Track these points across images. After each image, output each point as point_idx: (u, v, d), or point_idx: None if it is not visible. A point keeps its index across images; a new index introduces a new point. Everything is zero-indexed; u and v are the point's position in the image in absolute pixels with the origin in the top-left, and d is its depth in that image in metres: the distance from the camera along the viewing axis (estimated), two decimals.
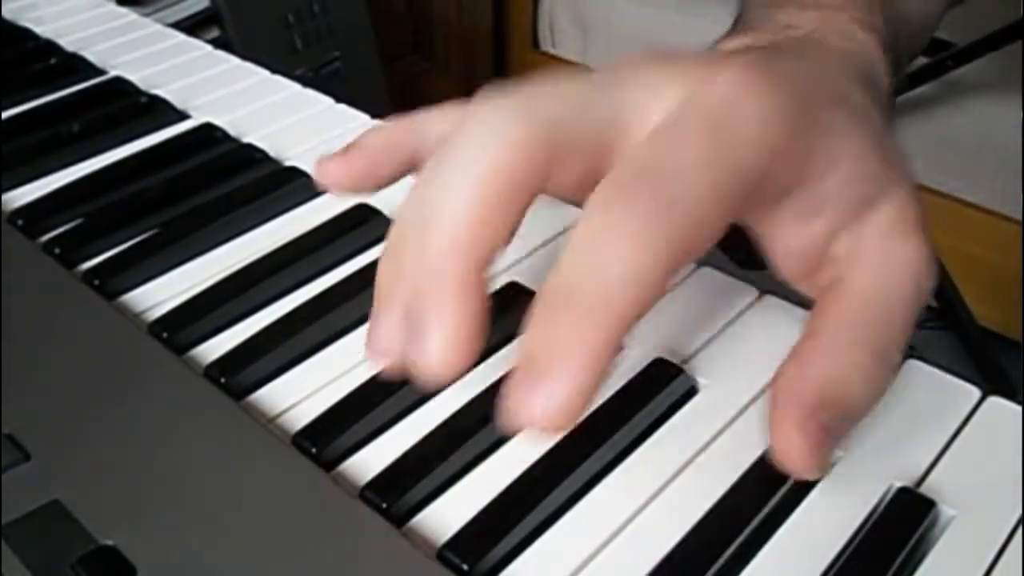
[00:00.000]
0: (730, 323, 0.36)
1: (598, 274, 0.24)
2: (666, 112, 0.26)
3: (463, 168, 0.25)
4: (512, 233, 0.26)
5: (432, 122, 0.33)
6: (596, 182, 0.25)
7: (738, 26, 0.37)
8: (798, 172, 0.28)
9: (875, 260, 0.29)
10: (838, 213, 0.29)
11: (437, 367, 0.25)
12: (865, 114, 0.30)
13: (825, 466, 0.28)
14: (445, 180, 0.25)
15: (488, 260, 0.26)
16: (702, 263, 0.39)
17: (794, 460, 0.27)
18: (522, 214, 0.26)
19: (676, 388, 0.33)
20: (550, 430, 0.24)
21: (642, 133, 0.26)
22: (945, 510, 0.29)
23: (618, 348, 0.24)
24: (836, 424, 0.27)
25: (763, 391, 0.33)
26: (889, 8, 0.37)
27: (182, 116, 0.52)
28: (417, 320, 0.26)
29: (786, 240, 0.30)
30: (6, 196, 0.45)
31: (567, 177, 0.26)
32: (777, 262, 0.31)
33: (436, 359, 0.25)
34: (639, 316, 0.24)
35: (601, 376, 0.24)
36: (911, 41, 0.42)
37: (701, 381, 0.34)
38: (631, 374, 0.34)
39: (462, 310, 0.25)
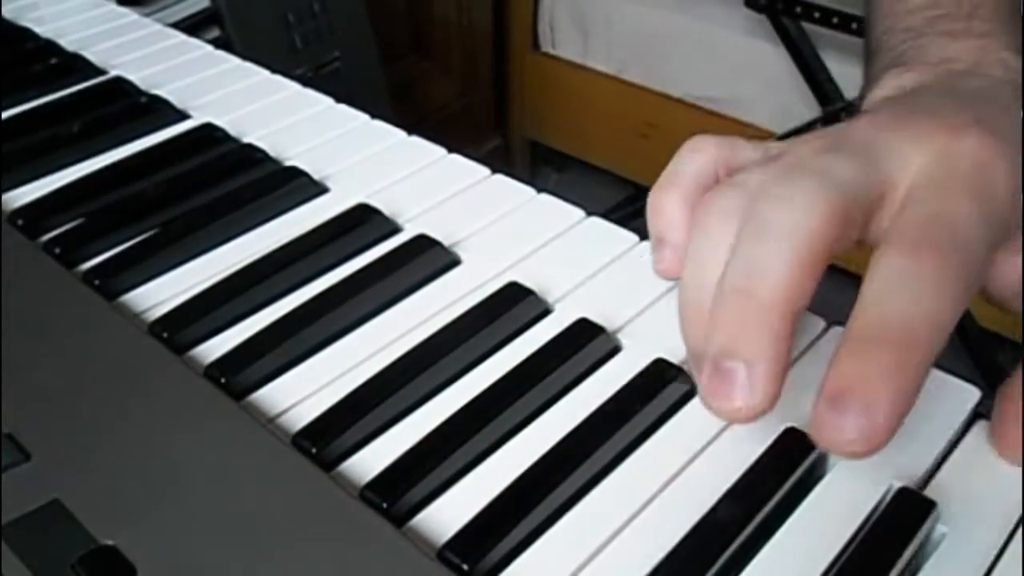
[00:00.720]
0: None
1: (908, 313, 0.26)
2: (914, 174, 0.30)
3: (785, 234, 0.28)
4: (816, 286, 0.29)
5: (698, 164, 0.34)
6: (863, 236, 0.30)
7: (882, 56, 0.39)
8: (1018, 215, 0.31)
9: None
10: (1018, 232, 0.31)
11: (749, 412, 0.28)
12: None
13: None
14: (769, 245, 0.28)
15: (802, 310, 0.28)
16: None
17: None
18: (823, 271, 0.29)
19: (676, 388, 0.33)
20: (859, 454, 0.26)
21: (896, 195, 0.30)
22: (945, 511, 0.29)
23: (924, 380, 0.26)
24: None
25: None
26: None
27: (182, 116, 0.52)
28: (725, 366, 0.28)
29: (1007, 272, 0.32)
30: (6, 196, 0.45)
31: (852, 235, 0.30)
32: (995, 296, 0.33)
33: (754, 402, 0.28)
34: (942, 348, 0.27)
35: (911, 403, 0.26)
36: None
37: None
38: (631, 374, 0.34)
39: (780, 356, 0.28)
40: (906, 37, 0.39)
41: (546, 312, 0.37)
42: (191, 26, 1.16)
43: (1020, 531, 0.29)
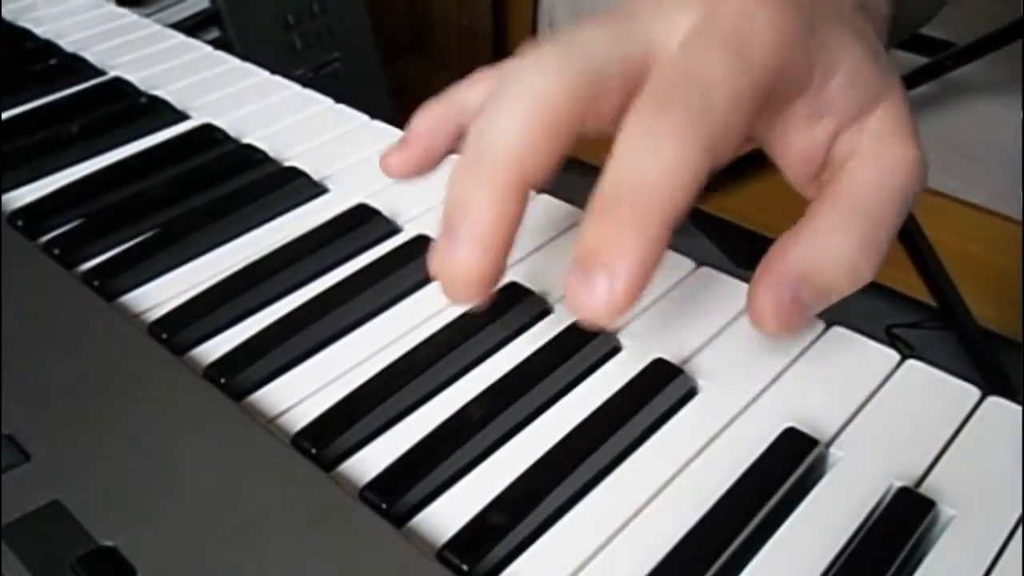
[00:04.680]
0: (730, 323, 0.36)
1: (648, 171, 0.26)
2: (680, 37, 0.29)
3: (514, 103, 0.28)
4: (559, 162, 0.28)
5: (471, 91, 0.36)
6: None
7: None
8: (803, 78, 0.30)
9: (871, 157, 0.31)
10: (839, 116, 0.31)
11: (464, 274, 0.28)
12: (862, 31, 0.32)
13: (791, 330, 0.30)
14: (497, 113, 0.28)
15: (532, 185, 0.28)
16: (702, 263, 0.39)
17: (764, 321, 0.30)
18: (566, 149, 0.28)
19: (676, 388, 0.33)
20: (606, 320, 0.26)
21: (667, 59, 0.29)
22: (945, 510, 0.29)
23: (666, 242, 0.26)
24: (809, 298, 0.30)
25: (763, 392, 0.33)
26: None
27: (182, 116, 0.52)
28: (453, 219, 0.28)
29: (793, 143, 0.32)
30: (6, 196, 0.45)
31: (606, 108, 0.29)
32: (785, 166, 0.33)
33: (469, 267, 0.28)
34: (686, 207, 0.26)
35: (653, 270, 0.26)
36: None
37: (701, 381, 0.34)
38: (631, 374, 0.34)
39: (498, 217, 0.28)
40: None
41: (546, 312, 0.37)
42: (191, 27, 1.16)
43: (1020, 530, 0.29)
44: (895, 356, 0.34)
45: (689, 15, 0.29)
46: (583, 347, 0.34)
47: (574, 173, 0.40)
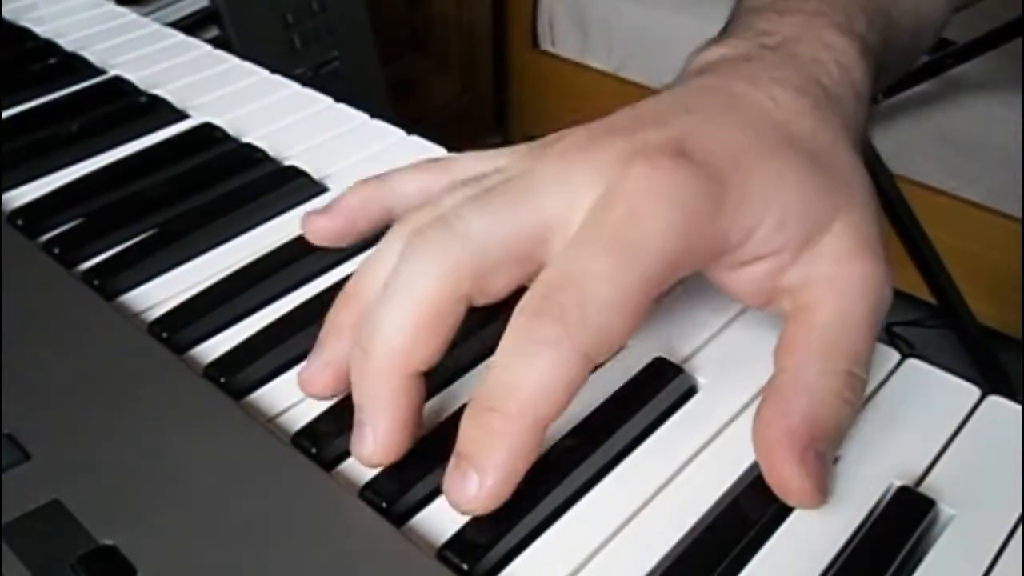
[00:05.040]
0: (730, 323, 0.36)
1: (518, 381, 0.28)
2: (585, 212, 0.30)
3: (396, 303, 0.30)
4: (445, 344, 0.30)
5: (408, 182, 0.37)
6: (530, 283, 0.29)
7: (724, 30, 0.39)
8: (718, 245, 0.30)
9: (830, 286, 0.31)
10: (777, 258, 0.31)
11: (371, 460, 0.30)
12: (804, 150, 0.31)
13: (826, 491, 0.29)
14: (383, 313, 0.30)
15: (420, 370, 0.30)
16: None
17: (801, 495, 0.29)
18: (453, 328, 0.30)
19: (676, 388, 0.33)
20: (475, 512, 0.28)
21: (564, 237, 0.30)
22: (945, 510, 0.29)
23: (538, 445, 0.28)
24: (828, 449, 0.29)
25: (763, 391, 0.33)
26: (877, 11, 0.38)
27: (182, 116, 0.52)
28: (359, 417, 0.30)
29: (731, 286, 0.32)
30: (6, 196, 0.45)
31: (499, 287, 0.30)
32: (731, 295, 0.33)
33: (370, 455, 0.30)
34: (556, 415, 0.28)
35: (523, 467, 0.28)
36: (910, 41, 0.43)
37: (701, 381, 0.34)
38: (631, 374, 0.34)
39: (392, 420, 0.30)
40: (747, 14, 0.38)
41: None
42: (190, 26, 1.16)
43: (1020, 530, 0.29)
44: (895, 355, 0.34)
45: (591, 190, 0.30)
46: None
47: None
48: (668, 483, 0.31)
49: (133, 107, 0.52)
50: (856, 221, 0.31)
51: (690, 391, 0.34)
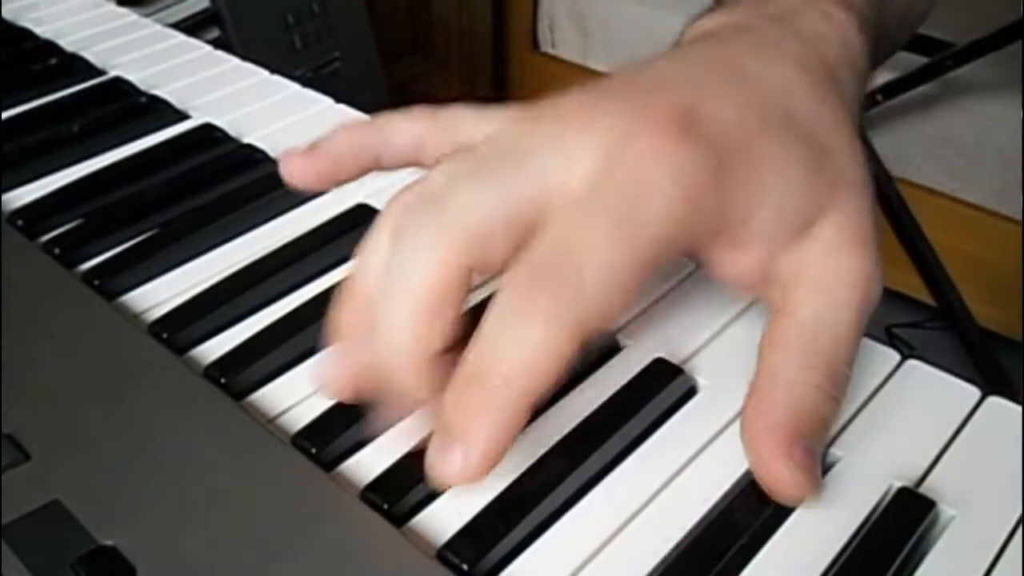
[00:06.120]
0: (730, 323, 0.36)
1: (507, 353, 0.26)
2: (583, 179, 0.28)
3: (397, 297, 0.29)
4: (456, 317, 0.29)
5: (396, 127, 0.35)
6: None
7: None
8: (717, 225, 0.29)
9: (818, 279, 0.30)
10: (772, 242, 0.30)
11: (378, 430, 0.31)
12: (806, 132, 0.30)
13: (818, 483, 0.29)
14: (386, 311, 0.29)
15: (437, 351, 0.29)
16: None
17: (791, 488, 0.28)
18: (460, 301, 0.29)
19: (676, 388, 0.33)
20: (461, 484, 0.27)
21: (563, 203, 0.28)
22: (945, 510, 0.29)
23: (523, 418, 0.27)
24: (815, 443, 0.29)
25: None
26: None
27: (182, 116, 0.52)
28: (378, 417, 0.31)
29: (722, 267, 0.31)
30: (6, 196, 0.45)
31: (497, 259, 0.29)
32: (722, 278, 0.32)
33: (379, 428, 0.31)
34: (544, 389, 0.27)
35: (508, 441, 0.27)
36: (900, 21, 0.42)
37: (701, 381, 0.34)
38: (631, 374, 0.34)
39: (420, 402, 0.30)
40: None
41: None
42: (191, 26, 1.16)
43: (1020, 530, 0.29)
44: (895, 356, 0.34)
45: (591, 155, 0.28)
46: (583, 346, 0.34)
47: None
48: (668, 484, 0.31)
49: (133, 108, 0.52)
50: (851, 210, 0.30)
51: (690, 391, 0.34)
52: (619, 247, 0.27)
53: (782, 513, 0.29)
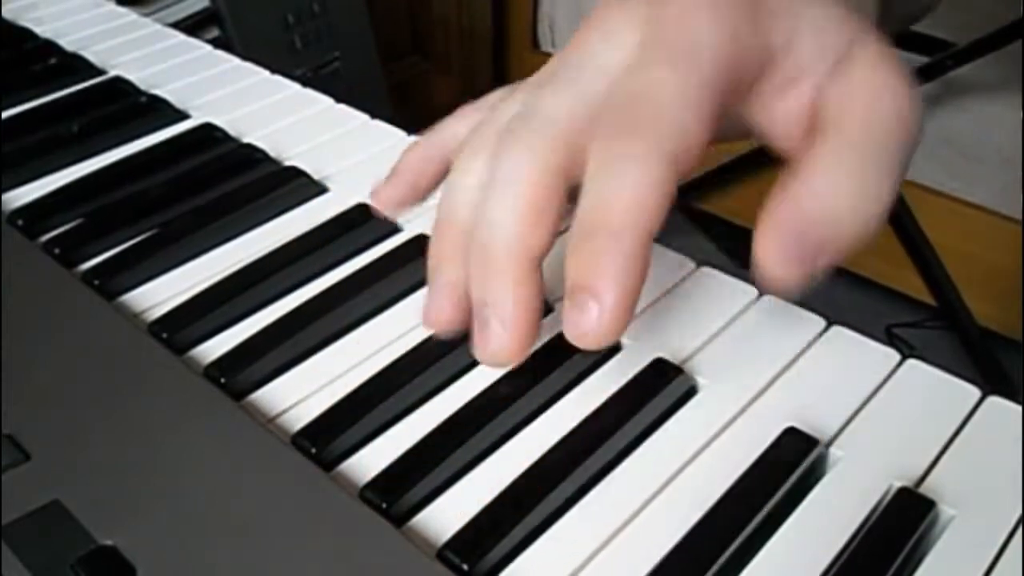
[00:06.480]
0: (730, 323, 0.36)
1: (615, 198, 0.27)
2: (634, 50, 0.30)
3: (502, 193, 0.30)
4: (557, 227, 0.30)
5: (456, 127, 0.37)
6: None
7: None
8: (763, 58, 0.30)
9: (863, 92, 0.30)
10: (816, 75, 0.30)
11: (502, 355, 0.30)
12: None
13: (802, 284, 0.29)
14: (491, 207, 0.30)
15: (541, 257, 0.30)
16: (702, 263, 0.39)
17: (771, 267, 0.28)
18: (561, 209, 0.30)
19: (676, 388, 0.33)
20: (602, 343, 0.28)
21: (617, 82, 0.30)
22: (945, 510, 0.29)
23: (647, 261, 0.28)
24: (820, 245, 0.28)
25: (763, 391, 0.33)
26: None
27: (182, 116, 0.52)
28: (483, 314, 0.30)
29: (775, 114, 0.31)
30: (6, 196, 0.45)
31: (586, 159, 0.29)
32: (774, 138, 0.32)
33: (500, 349, 0.30)
34: (657, 225, 0.28)
35: (638, 286, 0.28)
36: None
37: (701, 381, 0.34)
38: (631, 374, 0.34)
39: (524, 308, 0.30)
40: None
41: (549, 311, 0.37)
42: (191, 26, 1.16)
43: (1020, 530, 0.29)
44: (895, 356, 0.34)
45: (635, 31, 0.30)
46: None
47: None
48: (668, 484, 0.31)
49: (133, 107, 0.52)
50: (879, 46, 0.31)
51: (690, 392, 0.34)
52: (685, 76, 0.28)
53: (782, 512, 0.29)
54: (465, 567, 0.28)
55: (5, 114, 0.52)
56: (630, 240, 0.27)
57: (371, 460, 0.32)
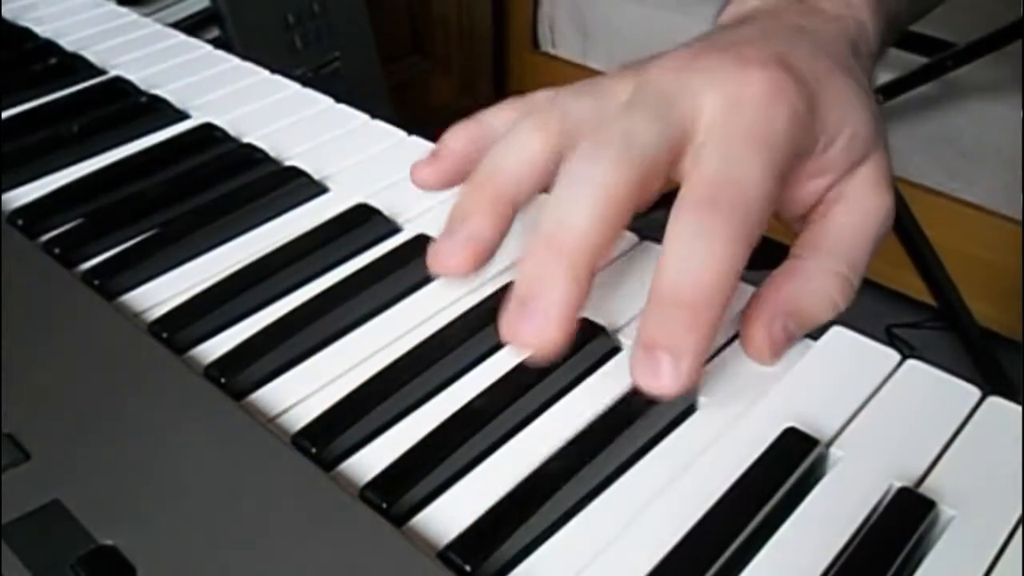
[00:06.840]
0: (728, 342, 0.36)
1: (703, 271, 0.30)
2: (707, 119, 0.33)
3: (587, 193, 0.31)
4: (617, 235, 0.32)
5: (498, 117, 0.39)
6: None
7: None
8: (811, 146, 0.34)
9: (854, 205, 0.36)
10: (837, 172, 0.36)
11: (540, 344, 0.31)
12: (861, 80, 0.36)
13: (778, 357, 0.34)
14: (573, 202, 0.31)
15: (597, 267, 0.31)
16: None
17: (756, 350, 0.34)
18: (624, 224, 0.32)
19: (676, 404, 0.33)
20: (673, 396, 0.30)
21: (693, 142, 0.33)
22: (945, 510, 0.29)
23: (718, 329, 0.30)
24: (795, 329, 0.34)
25: (763, 391, 0.33)
26: None
27: (182, 116, 0.52)
28: (528, 300, 0.31)
29: (794, 197, 0.36)
30: (6, 196, 0.45)
31: (652, 192, 0.32)
32: (782, 209, 0.37)
33: (541, 337, 0.31)
34: (730, 300, 0.30)
35: (708, 350, 0.30)
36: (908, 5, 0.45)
37: (700, 399, 0.34)
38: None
39: (569, 306, 0.31)
40: None
41: None
42: (191, 26, 1.16)
43: (1020, 530, 0.29)
44: (895, 356, 0.34)
45: (715, 98, 0.33)
46: (583, 347, 0.34)
47: None
48: (670, 484, 0.30)
49: (133, 107, 0.52)
50: (884, 157, 0.36)
51: (689, 409, 0.33)
52: (769, 173, 0.32)
53: (782, 512, 0.29)
54: (468, 568, 0.28)
55: (5, 114, 0.52)
56: (714, 312, 0.30)
57: (371, 460, 0.32)
